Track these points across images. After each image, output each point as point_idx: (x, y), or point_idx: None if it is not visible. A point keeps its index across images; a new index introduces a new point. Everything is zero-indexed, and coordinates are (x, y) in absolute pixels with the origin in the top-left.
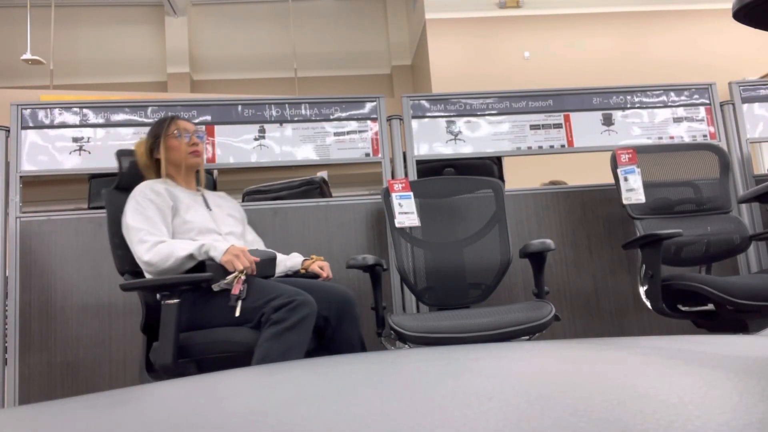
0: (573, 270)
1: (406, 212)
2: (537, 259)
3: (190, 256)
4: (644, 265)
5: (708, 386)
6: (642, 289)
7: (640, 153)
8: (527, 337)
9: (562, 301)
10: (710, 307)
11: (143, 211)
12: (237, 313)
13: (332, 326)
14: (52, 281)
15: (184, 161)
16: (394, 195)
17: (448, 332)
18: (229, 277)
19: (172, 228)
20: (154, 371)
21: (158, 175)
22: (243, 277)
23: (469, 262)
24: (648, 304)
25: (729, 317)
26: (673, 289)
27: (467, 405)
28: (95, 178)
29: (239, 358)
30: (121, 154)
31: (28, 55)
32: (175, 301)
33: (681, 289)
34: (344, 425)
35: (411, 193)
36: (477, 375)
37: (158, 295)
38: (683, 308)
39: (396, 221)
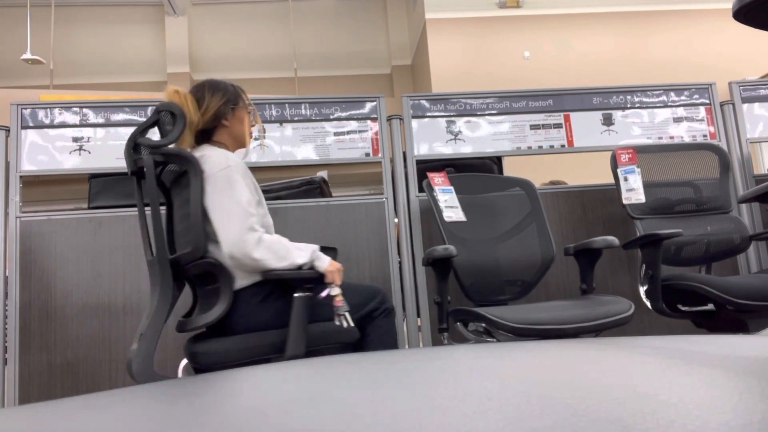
0: (573, 270)
1: (451, 206)
2: (590, 256)
3: (302, 265)
4: (644, 265)
5: (708, 386)
6: (642, 289)
7: (640, 153)
8: (594, 334)
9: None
10: (710, 307)
11: (254, 190)
12: (351, 324)
13: (370, 322)
14: (52, 281)
15: (242, 139)
16: (437, 189)
17: (551, 324)
18: (335, 291)
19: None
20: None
21: (199, 142)
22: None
23: (504, 259)
24: (648, 304)
25: (729, 317)
26: (673, 289)
27: (467, 405)
28: (95, 177)
29: (339, 349)
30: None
31: (28, 55)
32: (308, 294)
33: (681, 289)
34: (344, 425)
35: (452, 188)
36: (477, 375)
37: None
38: (683, 308)
39: (444, 215)
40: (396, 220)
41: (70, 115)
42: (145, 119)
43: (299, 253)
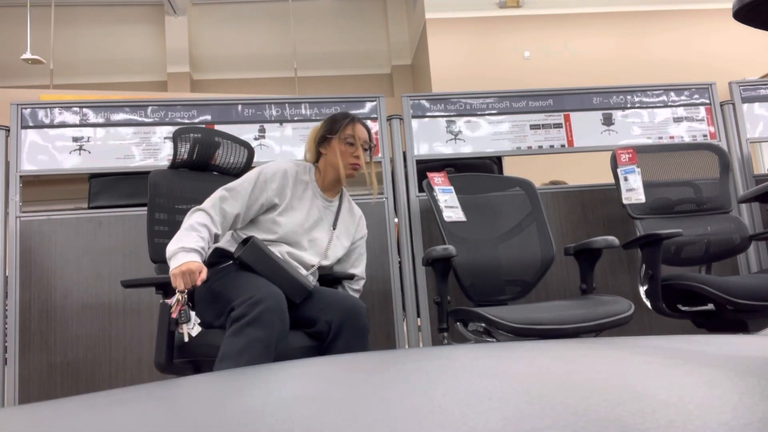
0: (573, 270)
1: (451, 206)
2: (590, 256)
3: (170, 244)
4: (644, 265)
5: (708, 386)
6: (642, 289)
7: (640, 153)
8: (594, 334)
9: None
10: (710, 307)
11: (253, 182)
12: (185, 339)
13: (333, 332)
14: (52, 281)
15: (340, 170)
16: (437, 189)
17: (551, 324)
18: (172, 299)
19: (260, 221)
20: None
21: (316, 162)
22: (181, 299)
23: (504, 259)
24: (648, 304)
25: (729, 317)
26: (673, 289)
27: (467, 405)
28: (95, 177)
29: None
30: (180, 133)
31: (28, 55)
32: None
33: (681, 289)
34: (344, 425)
35: (452, 188)
36: (477, 375)
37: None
38: (683, 308)
39: (444, 215)
40: (396, 220)
41: (70, 114)
42: (144, 119)
43: (176, 238)
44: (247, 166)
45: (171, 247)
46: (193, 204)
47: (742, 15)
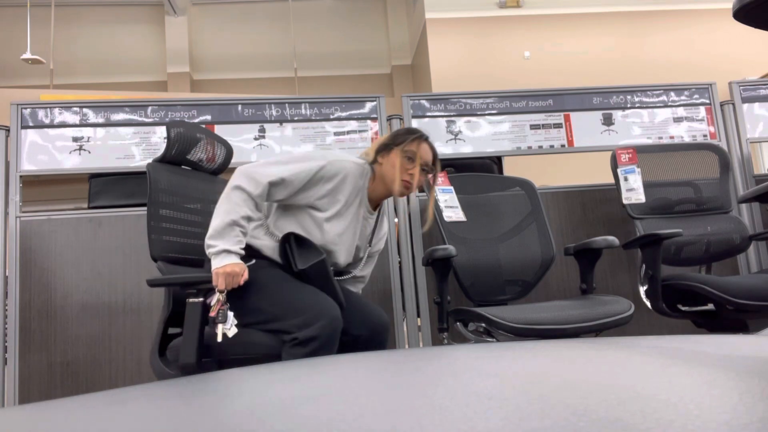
0: (573, 270)
1: (451, 206)
2: (590, 256)
3: (211, 236)
4: (644, 265)
5: (708, 386)
6: (642, 289)
7: (640, 153)
8: (594, 334)
9: None
10: (710, 307)
11: (310, 175)
12: (219, 339)
13: (360, 346)
14: (52, 281)
15: (390, 185)
16: (437, 188)
17: (551, 324)
18: (213, 299)
19: (300, 217)
20: (166, 357)
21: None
22: (222, 299)
23: (505, 259)
24: (648, 304)
25: (729, 317)
26: (673, 289)
27: (467, 405)
28: (95, 177)
29: (259, 360)
30: (172, 125)
31: (28, 55)
32: (200, 300)
33: (681, 289)
34: (344, 425)
35: (452, 188)
36: (477, 375)
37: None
38: (683, 308)
39: (444, 215)
40: (396, 220)
41: (70, 114)
42: (144, 119)
43: (217, 234)
44: (225, 165)
45: (216, 244)
46: (188, 203)
47: (742, 15)
